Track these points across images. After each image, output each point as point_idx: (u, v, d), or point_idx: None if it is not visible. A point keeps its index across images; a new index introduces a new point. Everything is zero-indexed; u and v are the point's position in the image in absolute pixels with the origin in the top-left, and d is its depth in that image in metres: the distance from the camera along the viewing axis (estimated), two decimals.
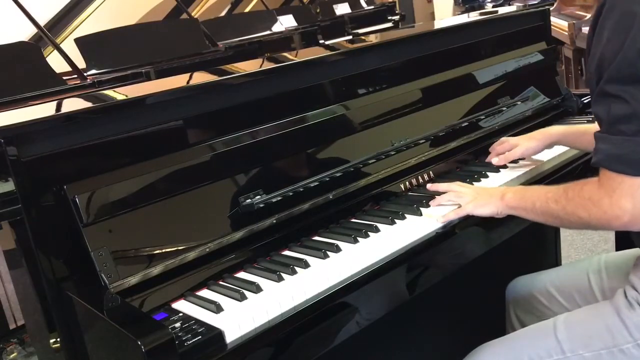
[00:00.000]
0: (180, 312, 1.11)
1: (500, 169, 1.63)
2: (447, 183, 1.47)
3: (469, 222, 1.39)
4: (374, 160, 1.53)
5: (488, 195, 1.38)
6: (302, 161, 1.45)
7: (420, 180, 1.60)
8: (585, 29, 4.20)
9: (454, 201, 1.41)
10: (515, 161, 1.65)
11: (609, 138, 1.10)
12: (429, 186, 1.49)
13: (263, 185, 1.33)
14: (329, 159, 1.48)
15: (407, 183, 1.58)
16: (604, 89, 1.10)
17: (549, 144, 1.64)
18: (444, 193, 1.44)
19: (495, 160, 1.64)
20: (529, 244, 2.14)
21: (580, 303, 1.47)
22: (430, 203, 1.43)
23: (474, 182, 1.56)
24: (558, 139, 1.64)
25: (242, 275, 1.24)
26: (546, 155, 1.68)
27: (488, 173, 1.61)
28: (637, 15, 1.05)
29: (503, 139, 1.70)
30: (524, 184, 1.58)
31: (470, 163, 1.73)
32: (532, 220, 1.32)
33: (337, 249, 1.27)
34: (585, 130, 1.56)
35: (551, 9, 2.22)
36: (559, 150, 1.70)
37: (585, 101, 2.07)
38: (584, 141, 1.55)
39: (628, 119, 1.07)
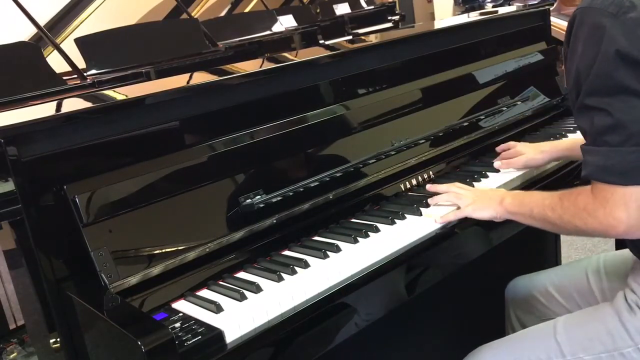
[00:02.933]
0: (180, 312, 1.11)
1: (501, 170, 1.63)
2: (446, 184, 1.47)
3: (468, 222, 1.39)
4: (374, 160, 1.53)
5: (487, 198, 1.38)
6: (302, 161, 1.45)
7: (420, 180, 1.60)
8: None
9: (452, 202, 1.41)
10: None
11: (596, 150, 1.11)
12: (429, 187, 1.50)
13: (263, 185, 1.33)
14: (329, 159, 1.48)
15: (407, 183, 1.58)
16: (584, 103, 1.11)
17: (556, 158, 1.63)
18: (442, 193, 1.44)
19: (497, 164, 1.63)
20: (529, 244, 2.14)
21: (580, 303, 1.47)
22: (429, 201, 1.44)
23: (473, 182, 1.56)
24: (567, 154, 1.61)
25: (242, 275, 1.24)
26: None
27: (488, 173, 1.61)
28: (605, 28, 1.06)
29: (511, 143, 1.68)
30: (523, 184, 1.59)
31: (470, 163, 1.73)
32: (530, 225, 1.31)
33: (337, 249, 1.27)
34: None
35: (551, 9, 2.22)
36: None
37: None
38: None
39: (612, 130, 1.07)
